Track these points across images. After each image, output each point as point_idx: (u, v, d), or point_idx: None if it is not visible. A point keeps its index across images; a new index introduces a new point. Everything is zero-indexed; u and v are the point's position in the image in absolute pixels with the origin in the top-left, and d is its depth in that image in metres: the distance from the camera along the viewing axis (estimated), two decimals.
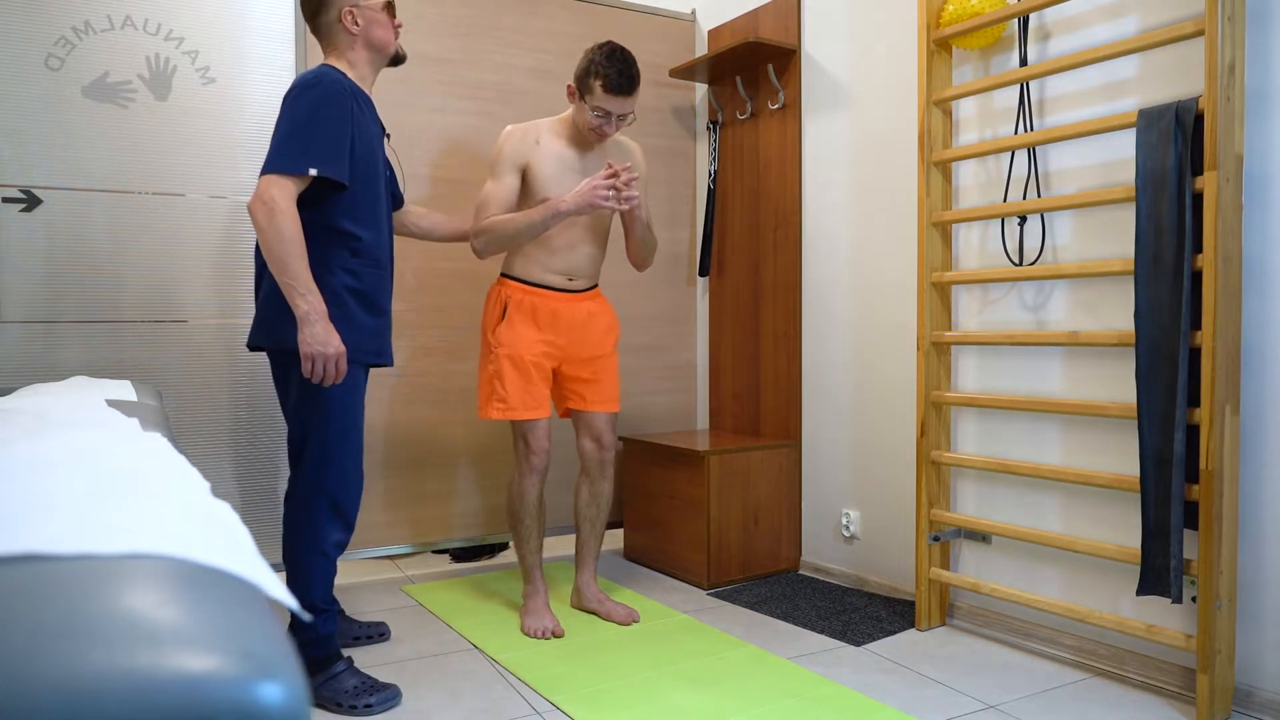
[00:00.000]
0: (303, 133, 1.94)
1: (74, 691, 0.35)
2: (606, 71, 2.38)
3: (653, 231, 2.59)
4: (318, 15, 2.11)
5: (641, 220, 2.52)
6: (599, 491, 2.66)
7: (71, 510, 0.57)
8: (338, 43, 2.12)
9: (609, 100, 2.40)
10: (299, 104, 1.96)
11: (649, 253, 2.61)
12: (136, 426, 1.12)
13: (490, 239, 2.41)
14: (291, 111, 1.96)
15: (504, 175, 2.44)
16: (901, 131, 2.75)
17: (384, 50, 2.16)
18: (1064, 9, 2.28)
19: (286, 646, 0.42)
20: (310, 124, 1.94)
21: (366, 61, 2.14)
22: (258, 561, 0.54)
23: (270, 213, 1.89)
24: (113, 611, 0.41)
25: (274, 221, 1.89)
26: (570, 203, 2.34)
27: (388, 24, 2.15)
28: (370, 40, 2.12)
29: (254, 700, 0.38)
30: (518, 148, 2.46)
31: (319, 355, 1.94)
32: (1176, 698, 2.06)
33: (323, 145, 1.95)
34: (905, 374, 2.76)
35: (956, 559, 2.58)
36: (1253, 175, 1.95)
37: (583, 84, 2.43)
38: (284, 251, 1.90)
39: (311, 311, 1.93)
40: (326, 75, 2.01)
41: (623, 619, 2.59)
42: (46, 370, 2.50)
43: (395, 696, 2.06)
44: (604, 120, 2.42)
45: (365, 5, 2.10)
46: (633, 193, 2.35)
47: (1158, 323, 1.96)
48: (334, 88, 1.99)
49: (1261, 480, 1.96)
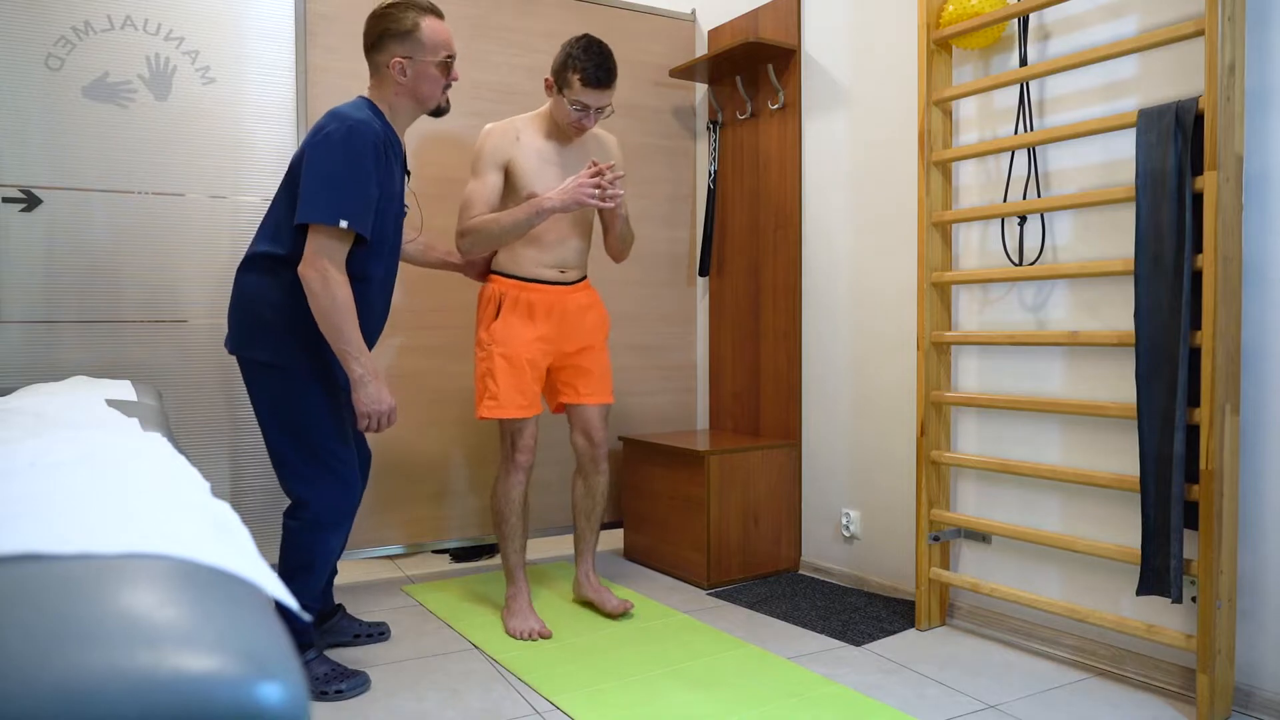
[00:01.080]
0: (336, 182, 1.96)
1: (74, 692, 0.35)
2: (584, 65, 2.38)
3: (630, 226, 2.60)
4: (371, 52, 2.13)
5: (622, 215, 2.54)
6: (594, 485, 2.67)
7: (71, 510, 0.57)
8: (383, 83, 2.13)
9: (587, 94, 2.40)
10: (330, 150, 1.96)
11: (626, 247, 2.63)
12: (136, 426, 1.12)
13: (476, 239, 2.42)
14: (321, 155, 1.97)
15: (486, 174, 2.46)
16: (901, 131, 2.75)
17: (426, 105, 2.17)
18: (1064, 9, 2.28)
19: (287, 646, 0.42)
20: (344, 173, 1.95)
21: (406, 109, 2.16)
22: (257, 561, 0.54)
23: (325, 281, 1.95)
24: (113, 612, 0.41)
25: (328, 289, 1.96)
26: (556, 200, 2.35)
27: (438, 81, 2.15)
28: (415, 93, 2.13)
29: (254, 700, 0.38)
30: (498, 145, 2.47)
31: (375, 413, 2.05)
32: (1176, 698, 2.06)
33: (352, 198, 1.97)
34: (905, 374, 2.76)
35: (956, 559, 2.58)
36: (1253, 175, 1.95)
37: (560, 77, 2.43)
38: (340, 320, 1.97)
39: (366, 374, 2.02)
40: (362, 125, 1.99)
41: (614, 609, 2.60)
42: (46, 370, 2.50)
43: (364, 683, 2.13)
44: (582, 114, 2.43)
45: (420, 59, 2.10)
46: (617, 190, 2.37)
47: (1158, 323, 1.96)
48: (369, 139, 1.99)
49: (1261, 480, 1.96)
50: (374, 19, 2.12)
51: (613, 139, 2.70)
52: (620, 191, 2.38)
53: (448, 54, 2.14)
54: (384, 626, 2.51)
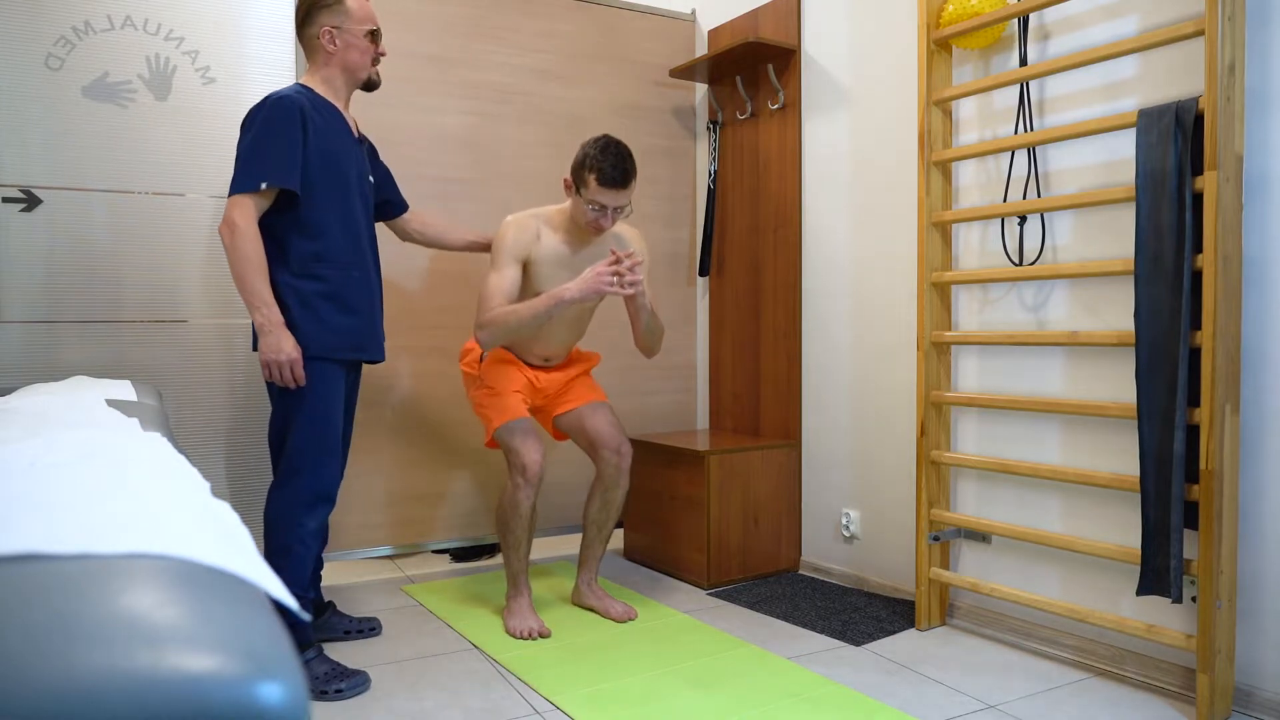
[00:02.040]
0: (252, 151, 2.07)
1: (74, 692, 0.35)
2: (600, 165, 2.39)
3: (657, 317, 2.56)
4: (302, 27, 2.22)
5: (645, 307, 2.49)
6: (611, 500, 2.64)
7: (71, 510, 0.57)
8: (315, 58, 2.22)
9: (603, 194, 2.40)
10: (249, 127, 2.10)
11: (656, 339, 2.59)
12: (136, 426, 1.12)
13: (496, 331, 2.41)
14: (244, 135, 2.10)
15: (505, 267, 2.45)
16: (901, 131, 2.75)
17: (355, 74, 2.24)
18: (1064, 9, 2.28)
19: (287, 646, 0.42)
20: (258, 142, 2.07)
21: (340, 81, 2.24)
22: (257, 561, 0.54)
23: (232, 233, 2.04)
24: (112, 611, 0.41)
25: (234, 240, 2.04)
26: (575, 291, 2.34)
27: (366, 49, 2.23)
28: (345, 62, 2.22)
29: (254, 700, 0.38)
30: (519, 240, 2.48)
31: (273, 362, 2.09)
32: (1176, 698, 2.06)
33: (272, 159, 2.06)
34: (905, 374, 2.76)
35: (956, 559, 2.58)
36: (1253, 175, 1.95)
37: (578, 177, 2.44)
38: (243, 269, 2.05)
39: (266, 323, 2.07)
40: (274, 95, 2.11)
41: (620, 615, 2.59)
42: (46, 370, 2.50)
43: (364, 683, 2.13)
44: (600, 214, 2.43)
45: (347, 28, 2.19)
46: (636, 277, 2.35)
47: (1158, 323, 1.96)
48: (280, 105, 2.09)
49: (1261, 480, 1.96)
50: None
51: (633, 233, 2.69)
52: (639, 278, 2.35)
53: (372, 26, 2.24)
54: (375, 622, 2.52)
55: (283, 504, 2.17)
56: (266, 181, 2.04)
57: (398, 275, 2.99)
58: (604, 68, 3.39)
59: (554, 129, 3.29)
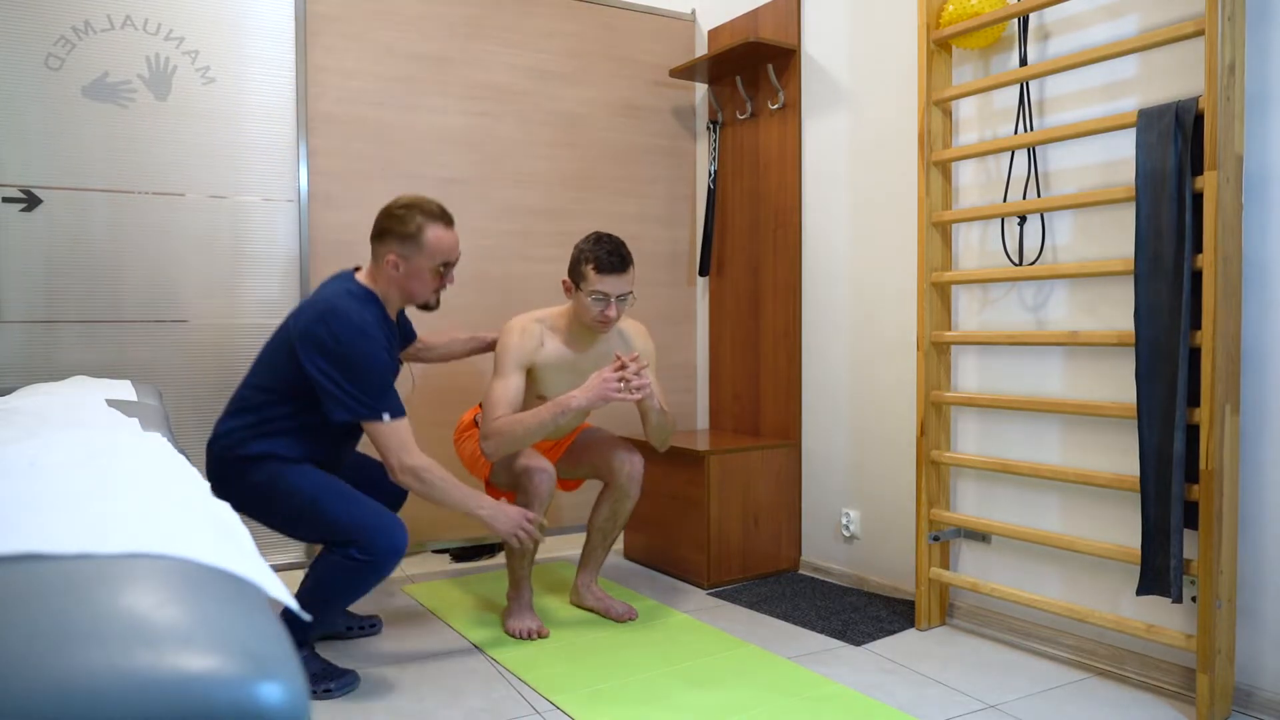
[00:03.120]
0: (368, 384, 2.07)
1: (74, 691, 0.35)
2: (596, 254, 2.39)
3: (667, 414, 2.53)
4: (374, 240, 2.21)
5: (654, 407, 2.47)
6: (620, 510, 2.63)
7: (71, 510, 0.57)
8: (378, 270, 2.21)
9: (603, 281, 2.39)
10: (341, 352, 2.06)
11: (667, 435, 2.56)
12: (136, 426, 1.12)
13: (502, 441, 2.37)
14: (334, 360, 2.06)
15: (510, 375, 2.44)
16: (901, 131, 2.75)
17: (414, 301, 2.26)
18: (1064, 9, 2.28)
19: (287, 646, 0.42)
20: (370, 374, 2.07)
21: (396, 298, 2.24)
22: (257, 561, 0.54)
23: (418, 476, 2.10)
24: (112, 611, 0.41)
25: (427, 482, 2.11)
26: (581, 399, 2.33)
27: (429, 284, 2.23)
28: (405, 288, 2.21)
29: (254, 700, 0.38)
30: (523, 348, 2.47)
31: (510, 533, 2.25)
32: (1176, 698, 2.06)
33: (390, 393, 2.12)
34: (905, 374, 2.76)
35: (956, 559, 2.58)
36: (1253, 175, 1.95)
37: (576, 273, 2.44)
38: (450, 496, 2.14)
39: (492, 512, 2.21)
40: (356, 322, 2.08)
41: (620, 615, 2.59)
42: (46, 370, 2.50)
43: (354, 682, 2.14)
44: (603, 304, 2.42)
45: (416, 261, 2.18)
46: (643, 381, 2.33)
47: (1158, 323, 1.96)
48: (369, 339, 2.08)
49: (1261, 480, 1.96)
50: (384, 214, 2.21)
51: (640, 328, 2.67)
52: (646, 381, 2.34)
53: (445, 261, 2.22)
54: (376, 620, 2.52)
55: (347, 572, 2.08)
56: (394, 415, 2.10)
57: None
58: (604, 68, 3.39)
59: (554, 129, 3.29)
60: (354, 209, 2.93)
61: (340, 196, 2.91)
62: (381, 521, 2.07)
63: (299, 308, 2.16)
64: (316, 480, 2.12)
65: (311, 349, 2.06)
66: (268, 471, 2.10)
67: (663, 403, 2.51)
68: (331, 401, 2.06)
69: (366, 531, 2.05)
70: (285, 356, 2.12)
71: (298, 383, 2.10)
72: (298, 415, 2.13)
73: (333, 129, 2.89)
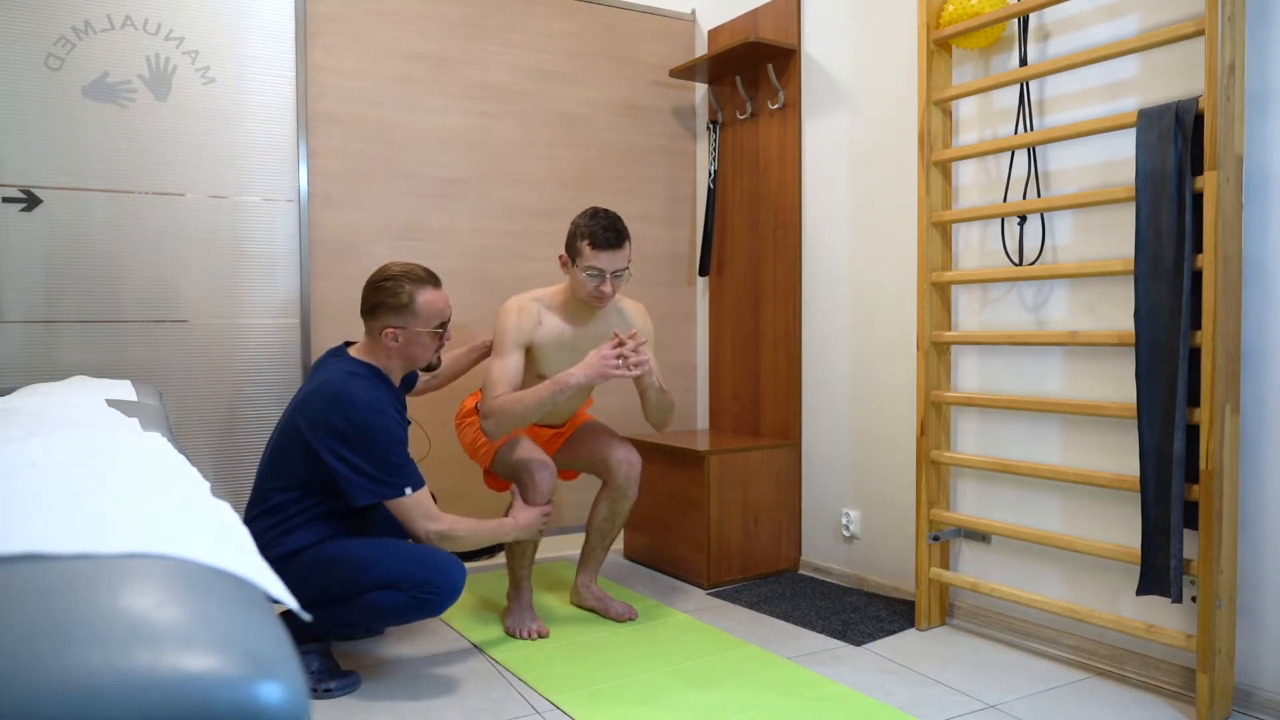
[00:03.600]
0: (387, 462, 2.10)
1: (74, 691, 0.35)
2: (591, 229, 2.39)
3: (667, 393, 2.53)
4: (366, 316, 2.22)
5: (653, 385, 2.47)
6: (619, 510, 2.63)
7: (71, 510, 0.57)
8: (376, 344, 2.22)
9: (599, 257, 2.39)
10: (375, 429, 2.08)
11: (666, 414, 2.55)
12: (136, 426, 1.12)
13: (501, 420, 2.37)
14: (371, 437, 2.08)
15: (509, 354, 2.44)
16: (901, 131, 2.75)
17: (417, 365, 2.27)
18: (1064, 9, 2.28)
19: (287, 646, 0.42)
20: (389, 451, 2.10)
21: (399, 366, 2.26)
22: (257, 561, 0.54)
23: (446, 539, 2.15)
24: (112, 611, 0.41)
25: (450, 537, 2.15)
26: (580, 376, 2.32)
27: (429, 347, 2.24)
28: (406, 356, 2.23)
29: (254, 700, 0.38)
30: (521, 327, 2.47)
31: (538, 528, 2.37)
32: (1176, 697, 2.06)
33: (410, 467, 2.14)
34: (905, 374, 2.76)
35: (956, 559, 2.58)
36: (1253, 175, 1.95)
37: (572, 249, 2.45)
38: (478, 540, 2.24)
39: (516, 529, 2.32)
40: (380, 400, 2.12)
41: (620, 615, 2.59)
42: (46, 370, 2.50)
43: (355, 683, 2.14)
44: (599, 279, 2.41)
45: (413, 329, 2.19)
46: (641, 357, 2.33)
47: (1158, 322, 1.96)
48: (385, 416, 2.11)
49: (1261, 480, 1.96)
50: (371, 288, 2.21)
51: (638, 307, 2.67)
52: (645, 358, 2.33)
53: (440, 322, 2.24)
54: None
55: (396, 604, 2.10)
56: (415, 487, 2.12)
57: None
58: (604, 68, 3.39)
59: (554, 129, 3.29)
60: (354, 209, 2.93)
61: (340, 196, 2.91)
62: (440, 561, 2.11)
63: (302, 399, 2.16)
64: (357, 546, 2.14)
65: (328, 437, 2.07)
66: (306, 561, 2.10)
67: (661, 382, 2.51)
68: (352, 487, 2.07)
69: (429, 570, 2.08)
70: (299, 452, 2.12)
71: (315, 475, 2.11)
72: (320, 505, 2.14)
73: (333, 129, 2.89)
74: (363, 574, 2.07)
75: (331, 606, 2.07)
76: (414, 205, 3.04)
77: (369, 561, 2.08)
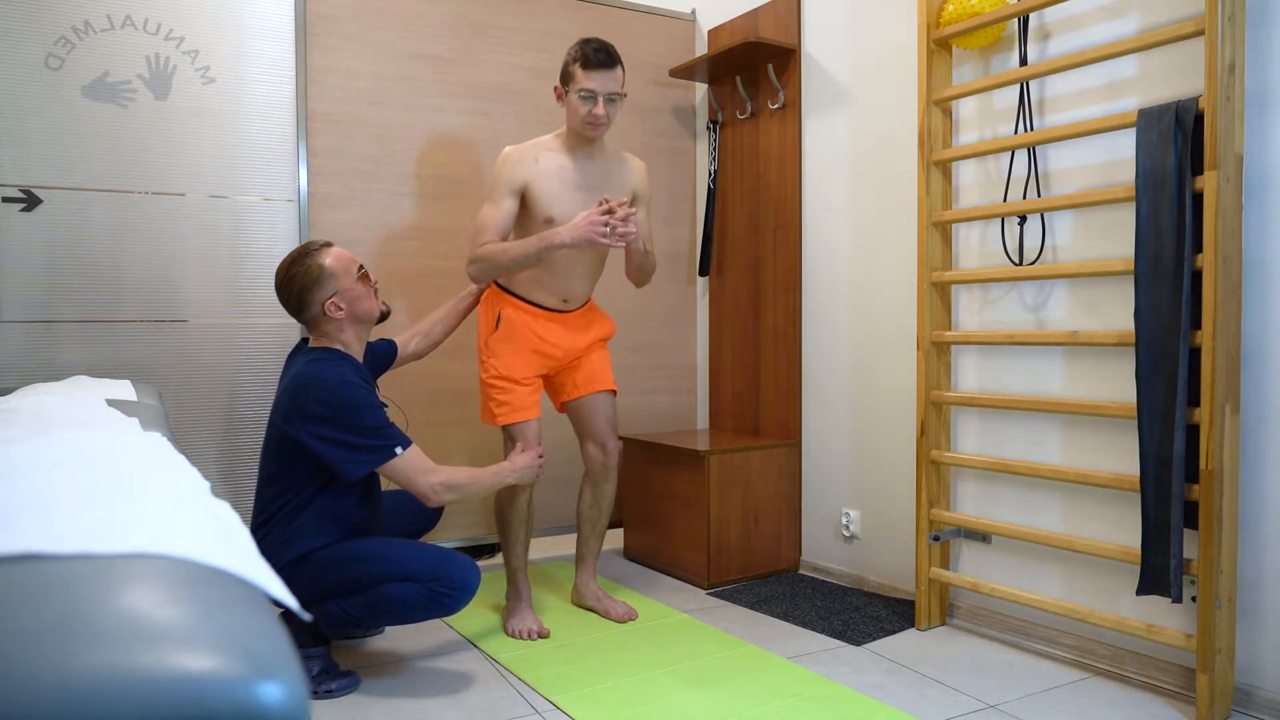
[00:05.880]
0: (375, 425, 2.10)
1: (74, 691, 0.35)
2: (583, 51, 2.38)
3: (651, 255, 2.55)
4: (301, 312, 2.20)
5: (639, 249, 2.48)
6: (601, 495, 2.65)
7: (71, 510, 0.57)
8: (327, 329, 2.21)
9: (590, 78, 2.38)
10: (346, 398, 2.08)
11: (646, 275, 2.59)
12: (136, 426, 1.12)
13: (485, 267, 2.40)
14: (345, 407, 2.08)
15: (501, 200, 2.42)
16: (901, 131, 2.75)
17: (370, 319, 2.25)
18: (1064, 9, 2.28)
19: (287, 646, 0.42)
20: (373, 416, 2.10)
21: (356, 336, 2.25)
22: (258, 561, 0.54)
23: (451, 489, 2.15)
24: (112, 611, 0.41)
25: (458, 487, 2.17)
26: (566, 237, 2.32)
27: (368, 293, 2.23)
28: (356, 315, 2.22)
29: (254, 700, 0.38)
30: (515, 170, 2.44)
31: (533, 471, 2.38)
32: (1176, 697, 2.06)
33: (392, 426, 2.13)
34: (905, 374, 2.76)
35: (956, 558, 2.58)
36: (1253, 175, 1.95)
37: (565, 76, 2.43)
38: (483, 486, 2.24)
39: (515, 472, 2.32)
40: (345, 373, 2.11)
41: (620, 616, 2.60)
42: (46, 370, 2.50)
43: (355, 683, 2.15)
44: (591, 101, 2.39)
45: (343, 288, 2.18)
46: (629, 228, 2.33)
47: (1158, 322, 1.96)
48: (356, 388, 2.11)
49: (1261, 480, 1.96)
50: (283, 286, 2.19)
51: (640, 165, 2.65)
52: (631, 229, 2.33)
53: (358, 266, 2.22)
54: None
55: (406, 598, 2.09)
56: (404, 445, 2.11)
57: (395, 270, 2.99)
58: None
59: (554, 129, 3.28)
60: (354, 209, 2.93)
61: (340, 196, 2.91)
62: (458, 560, 2.11)
63: (276, 400, 2.18)
64: (374, 544, 2.14)
65: (306, 423, 2.07)
66: (321, 560, 2.10)
67: (648, 245, 2.53)
68: (343, 463, 2.07)
69: (447, 567, 2.08)
70: (288, 451, 2.12)
71: (309, 471, 2.12)
72: (323, 504, 2.14)
73: (333, 129, 2.89)
74: (381, 568, 2.07)
75: (345, 597, 2.08)
76: (414, 205, 3.04)
77: (386, 557, 2.08)
